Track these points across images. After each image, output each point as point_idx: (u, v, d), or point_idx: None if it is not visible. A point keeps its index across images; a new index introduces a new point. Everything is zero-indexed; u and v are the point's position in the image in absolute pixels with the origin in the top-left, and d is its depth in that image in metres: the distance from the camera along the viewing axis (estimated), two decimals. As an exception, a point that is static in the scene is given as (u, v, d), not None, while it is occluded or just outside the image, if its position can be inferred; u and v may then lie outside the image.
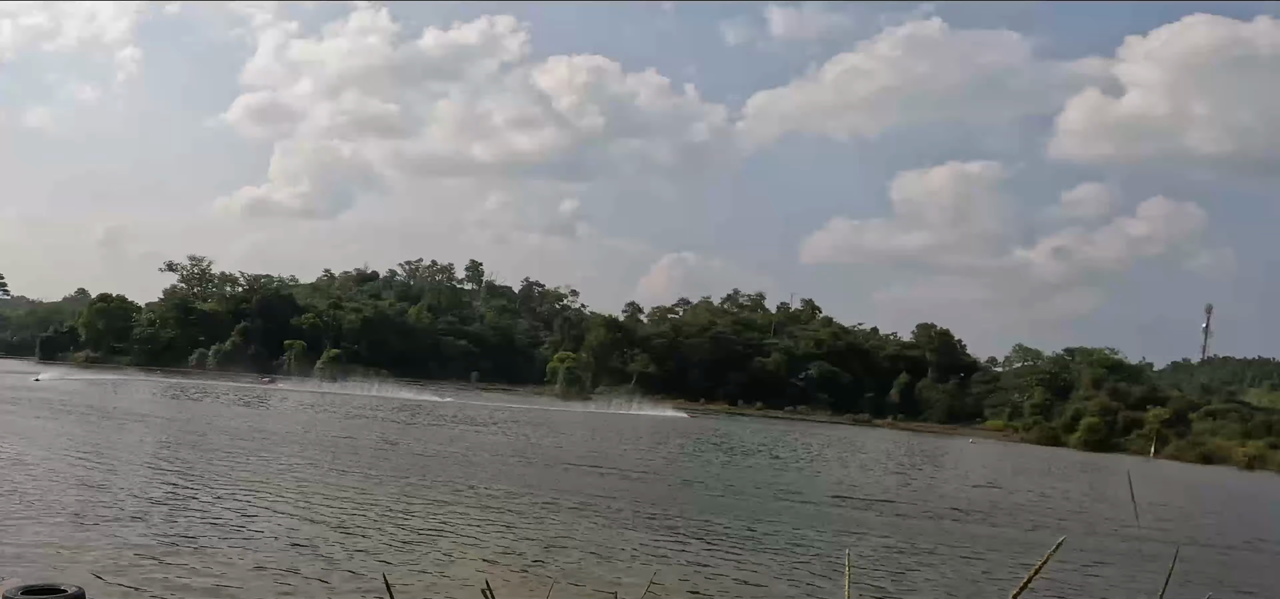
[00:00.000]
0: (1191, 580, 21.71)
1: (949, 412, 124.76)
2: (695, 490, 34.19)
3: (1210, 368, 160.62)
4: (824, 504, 32.80)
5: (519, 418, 69.80)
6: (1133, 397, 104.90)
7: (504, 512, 24.93)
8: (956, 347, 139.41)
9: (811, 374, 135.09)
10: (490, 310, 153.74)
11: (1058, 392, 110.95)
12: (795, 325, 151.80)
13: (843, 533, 26.38)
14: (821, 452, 62.33)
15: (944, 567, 22.44)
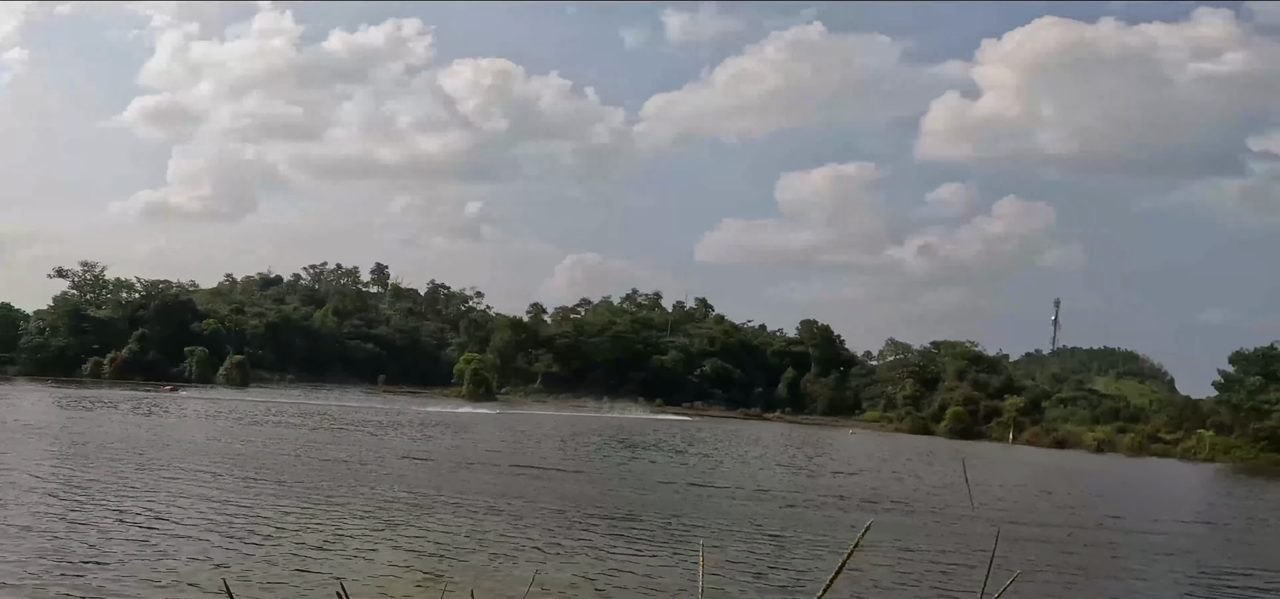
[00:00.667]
0: (1008, 561, 23.30)
1: (831, 404, 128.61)
2: (603, 487, 34.69)
3: (1060, 358, 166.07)
4: (719, 496, 34.32)
5: (426, 420, 69.32)
6: (992, 386, 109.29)
7: (407, 517, 24.92)
8: (837, 342, 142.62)
9: (706, 371, 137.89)
10: (396, 313, 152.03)
11: (926, 383, 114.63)
12: (690, 323, 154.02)
13: (738, 522, 27.59)
14: (718, 446, 63.52)
15: (823, 553, 23.65)
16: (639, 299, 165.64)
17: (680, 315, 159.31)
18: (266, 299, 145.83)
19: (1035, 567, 23.28)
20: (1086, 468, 68.24)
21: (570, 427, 73.71)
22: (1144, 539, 31.02)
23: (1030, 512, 36.22)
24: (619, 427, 78.93)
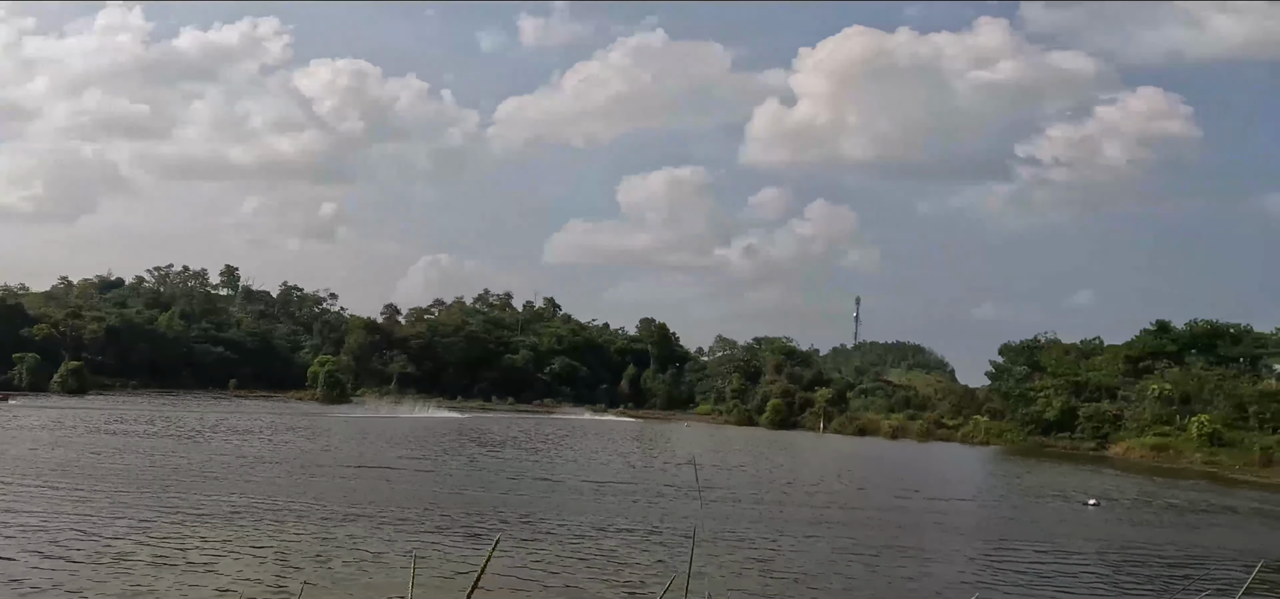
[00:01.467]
0: (821, 543, 24.98)
1: (669, 399, 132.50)
2: (455, 486, 34.47)
3: (861, 352, 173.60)
4: (567, 488, 35.28)
5: (279, 424, 66.33)
6: (805, 379, 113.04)
7: (254, 526, 23.68)
8: (673, 339, 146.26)
9: (555, 369, 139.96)
10: (247, 316, 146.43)
11: (750, 377, 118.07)
12: (539, 323, 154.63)
13: (584, 515, 28.07)
14: (566, 442, 64.13)
15: (653, 545, 24.23)
16: (491, 299, 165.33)
17: (530, 315, 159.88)
18: (106, 303, 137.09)
19: (845, 549, 24.88)
20: (884, 453, 72.05)
21: (424, 427, 72.81)
22: (934, 518, 33.30)
23: (838, 495, 38.19)
24: (472, 425, 78.66)
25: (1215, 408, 71.00)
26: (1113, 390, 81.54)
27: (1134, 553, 27.75)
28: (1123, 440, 74.62)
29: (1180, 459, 65.95)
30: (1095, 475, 53.90)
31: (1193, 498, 43.16)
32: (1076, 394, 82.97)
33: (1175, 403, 74.31)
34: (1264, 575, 22.15)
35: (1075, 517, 35.28)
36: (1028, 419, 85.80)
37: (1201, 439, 67.52)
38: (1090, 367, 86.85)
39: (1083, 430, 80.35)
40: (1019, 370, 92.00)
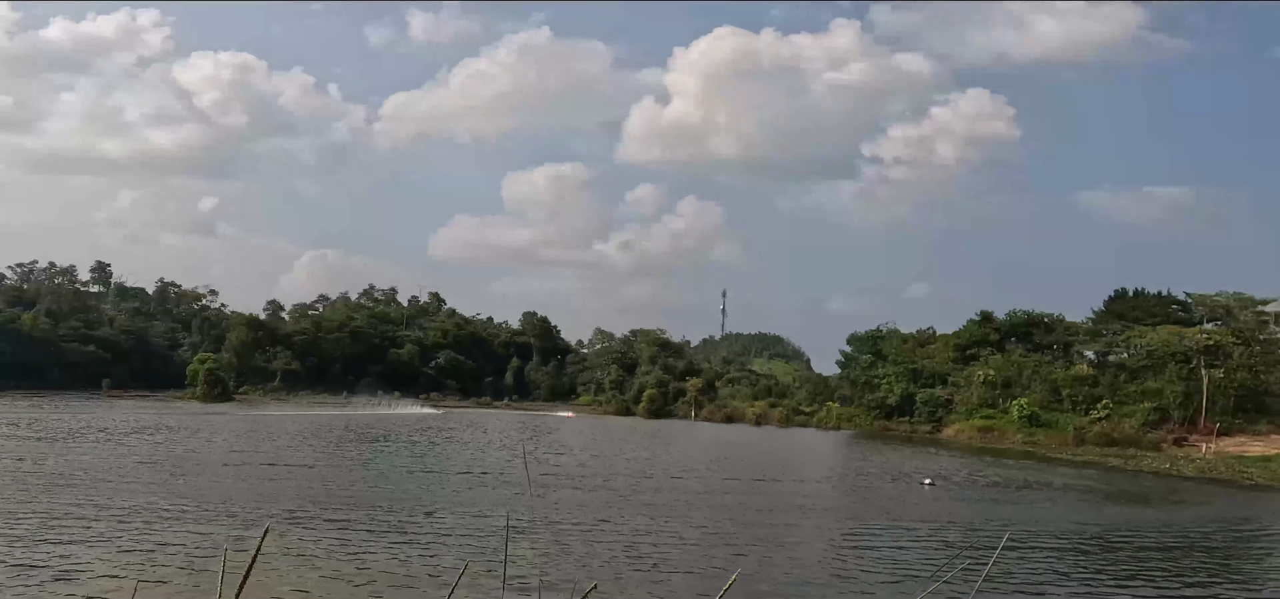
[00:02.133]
0: (687, 528, 24.19)
1: (552, 391, 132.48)
2: (342, 481, 33.20)
3: (728, 342, 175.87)
4: (455, 481, 34.34)
5: (156, 424, 61.29)
6: (678, 369, 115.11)
7: (121, 530, 21.59)
8: (555, 332, 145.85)
9: (440, 363, 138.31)
10: (121, 314, 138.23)
11: (627, 368, 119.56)
12: (425, 317, 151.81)
13: (465, 505, 27.10)
14: (452, 434, 62.89)
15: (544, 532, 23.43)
16: (376, 294, 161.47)
17: (415, 309, 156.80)
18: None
19: (711, 535, 24.89)
20: (749, 439, 73.72)
21: (310, 423, 70.26)
22: (793, 499, 33.87)
23: (705, 482, 38.46)
24: (359, 420, 76.65)
25: (1033, 391, 75.07)
26: (945, 376, 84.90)
27: (959, 526, 29.02)
28: (954, 422, 78.04)
29: (1004, 439, 69.59)
30: (931, 456, 56.65)
31: (1014, 475, 45.89)
32: (914, 380, 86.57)
33: (998, 387, 77.96)
34: (1011, 543, 24.19)
35: (913, 495, 36.94)
36: (873, 404, 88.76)
37: (1022, 420, 71.32)
38: (925, 355, 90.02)
39: (920, 414, 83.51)
40: (864, 359, 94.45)
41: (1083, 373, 77.74)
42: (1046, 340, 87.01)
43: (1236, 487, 42.35)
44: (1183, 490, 40.52)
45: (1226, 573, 21.37)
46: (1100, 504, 35.68)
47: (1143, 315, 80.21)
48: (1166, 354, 70.29)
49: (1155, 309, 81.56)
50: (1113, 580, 20.17)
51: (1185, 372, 68.41)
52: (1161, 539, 25.48)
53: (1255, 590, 18.76)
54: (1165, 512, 32.91)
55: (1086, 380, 75.73)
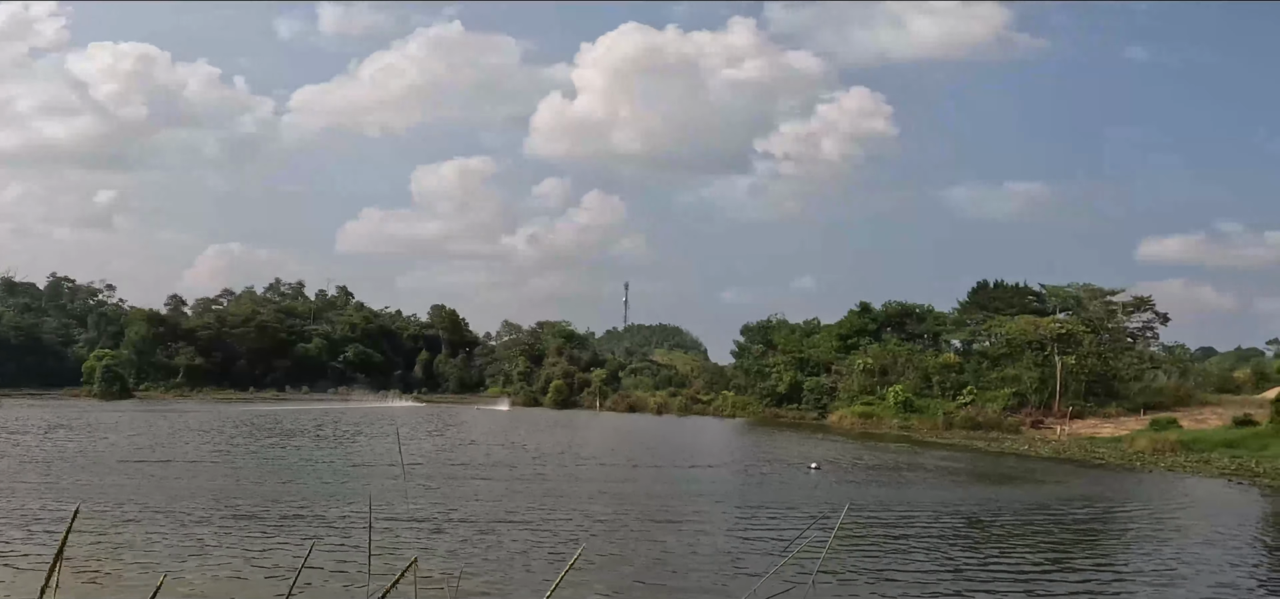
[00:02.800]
0: (592, 519, 22.91)
1: (461, 383, 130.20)
2: (248, 478, 31.11)
3: (630, 334, 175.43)
4: (365, 473, 32.54)
5: (49, 423, 55.78)
6: (583, 361, 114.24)
7: None
8: (463, 325, 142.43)
9: (349, 357, 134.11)
10: (10, 310, 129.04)
11: (534, 360, 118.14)
12: (333, 311, 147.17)
13: (363, 498, 25.12)
14: (362, 428, 60.38)
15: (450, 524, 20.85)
16: (283, 288, 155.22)
17: (323, 303, 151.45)
18: None
19: (608, 525, 23.86)
20: (650, 427, 73.75)
21: (215, 419, 66.63)
22: (692, 487, 33.36)
23: (607, 467, 37.75)
24: (266, 415, 72.96)
25: (907, 379, 77.54)
26: (829, 365, 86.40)
27: (839, 506, 30.16)
28: (838, 409, 79.08)
29: (882, 424, 71.04)
30: (817, 442, 57.42)
31: (891, 459, 46.89)
32: (801, 369, 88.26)
33: (876, 375, 79.65)
34: (889, 522, 25.01)
35: (801, 480, 36.94)
36: (765, 392, 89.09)
37: (897, 406, 73.14)
38: (811, 344, 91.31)
39: (807, 401, 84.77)
40: (756, 349, 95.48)
41: (950, 361, 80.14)
42: (918, 330, 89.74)
43: (1088, 466, 44.46)
44: (1040, 470, 42.43)
45: (1085, 547, 22.45)
46: (968, 484, 36.98)
47: (1003, 306, 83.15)
48: (1023, 342, 72.73)
49: (1014, 300, 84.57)
50: (980, 556, 20.85)
51: (1040, 359, 71.21)
52: (1024, 516, 26.58)
53: (1114, 564, 19.81)
54: (1026, 490, 34.39)
55: (953, 368, 78.19)
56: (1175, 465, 43.36)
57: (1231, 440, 47.44)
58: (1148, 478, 39.33)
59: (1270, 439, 45.59)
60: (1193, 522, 25.94)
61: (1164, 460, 45.04)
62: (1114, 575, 18.91)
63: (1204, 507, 29.45)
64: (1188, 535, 23.46)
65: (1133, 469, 42.88)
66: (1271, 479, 36.76)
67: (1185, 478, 39.11)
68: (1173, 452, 47.07)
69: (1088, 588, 17.76)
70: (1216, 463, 42.92)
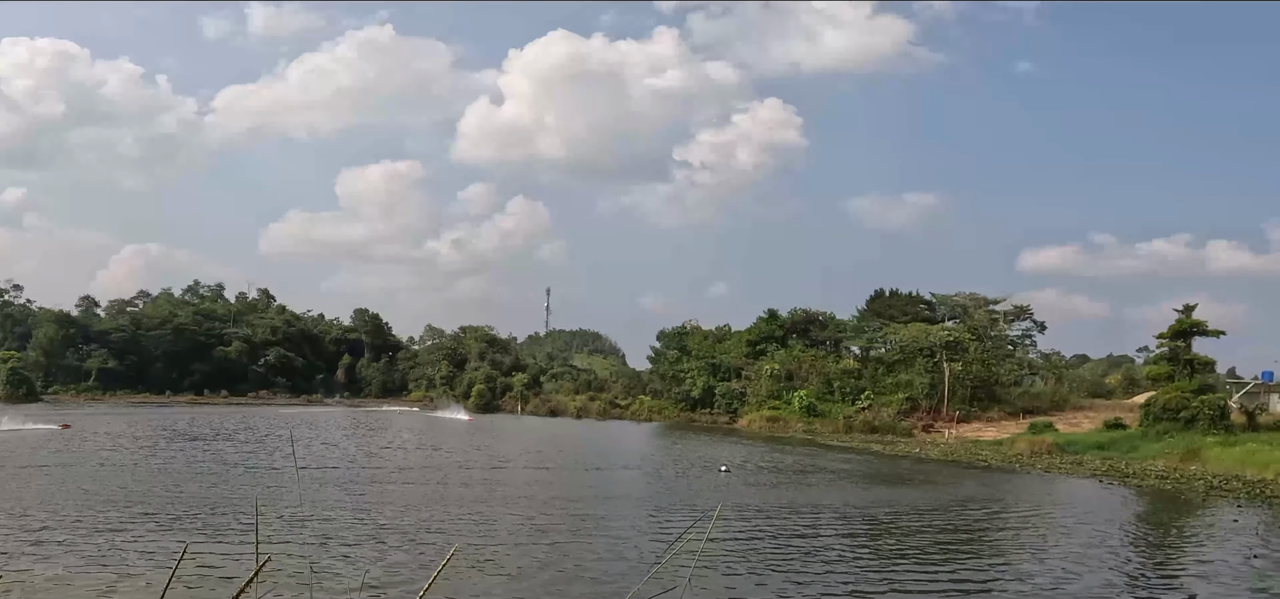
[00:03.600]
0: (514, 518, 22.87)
1: (383, 386, 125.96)
2: (158, 483, 28.80)
3: (552, 338, 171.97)
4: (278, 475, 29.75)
5: None
6: (505, 365, 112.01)
7: None
8: (386, 329, 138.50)
9: (270, 360, 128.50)
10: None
11: (457, 364, 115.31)
12: (253, 314, 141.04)
13: (297, 503, 21.57)
14: (282, 431, 57.38)
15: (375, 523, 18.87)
16: (202, 290, 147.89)
17: (243, 306, 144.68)
18: None
19: (505, 526, 22.46)
20: (571, 431, 72.11)
21: (127, 423, 62.53)
22: (604, 489, 32.41)
23: (522, 475, 35.55)
24: (183, 419, 68.58)
25: (811, 384, 78.87)
26: (739, 370, 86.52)
27: (747, 509, 29.75)
28: (747, 413, 79.26)
29: (788, 427, 71.16)
30: (728, 445, 57.14)
31: (796, 461, 46.75)
32: (714, 374, 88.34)
33: (783, 380, 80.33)
34: (798, 522, 24.32)
35: (712, 481, 36.45)
36: (679, 397, 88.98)
37: (802, 410, 73.67)
38: (722, 350, 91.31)
39: (719, 405, 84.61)
40: (671, 354, 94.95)
41: (849, 366, 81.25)
42: (821, 336, 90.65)
43: (974, 468, 45.28)
44: (931, 472, 43.02)
45: (976, 547, 22.39)
46: (866, 486, 37.09)
47: (897, 313, 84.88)
48: (915, 349, 73.97)
49: (907, 308, 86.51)
50: (870, 557, 20.50)
51: (930, 364, 72.53)
52: (918, 517, 26.59)
53: (1003, 565, 19.76)
54: (920, 491, 34.65)
55: (852, 373, 79.30)
56: (1051, 467, 44.57)
57: (1103, 443, 49.17)
58: (1028, 479, 40.21)
59: (1139, 442, 47.43)
60: (1071, 521, 26.39)
61: (1041, 462, 46.34)
62: (1002, 576, 18.80)
63: (1081, 507, 30.13)
64: (1072, 536, 23.74)
65: (1014, 471, 43.80)
66: (1140, 480, 38.04)
67: (1061, 479, 40.10)
68: (1049, 454, 48.54)
69: (980, 588, 17.60)
70: (1089, 464, 44.36)
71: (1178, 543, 24.24)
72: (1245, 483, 35.38)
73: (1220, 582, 18.14)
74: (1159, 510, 29.93)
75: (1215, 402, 48.11)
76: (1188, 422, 47.01)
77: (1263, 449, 38.94)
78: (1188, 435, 45.16)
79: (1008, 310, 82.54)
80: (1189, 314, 53.14)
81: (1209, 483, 35.76)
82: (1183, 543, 24.29)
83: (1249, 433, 44.78)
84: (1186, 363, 52.19)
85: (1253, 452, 39.03)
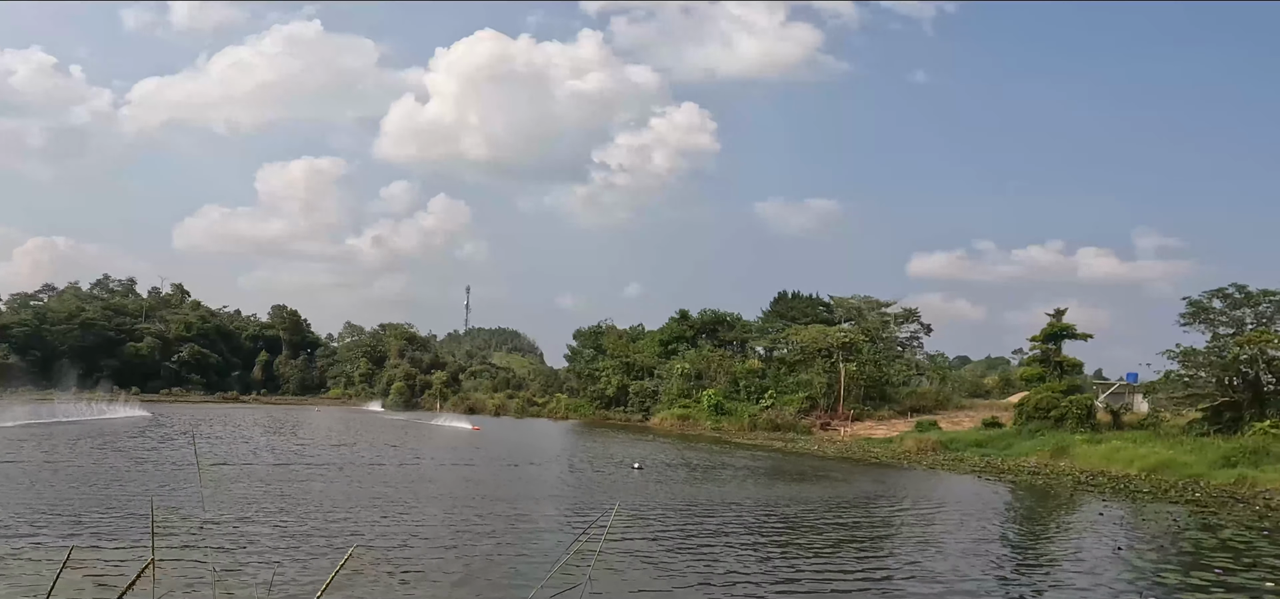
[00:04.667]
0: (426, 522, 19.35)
1: (302, 384, 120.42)
2: (64, 485, 24.95)
3: (471, 337, 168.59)
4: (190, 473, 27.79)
5: None
6: (424, 362, 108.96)
7: None
8: (304, 326, 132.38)
9: (184, 357, 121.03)
10: None
11: (376, 361, 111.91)
12: (166, 310, 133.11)
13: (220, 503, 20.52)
14: (198, 430, 53.43)
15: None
16: (112, 285, 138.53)
17: (156, 301, 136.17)
18: None
19: (449, 524, 21.13)
20: (488, 429, 69.69)
21: (26, 422, 56.34)
22: (526, 488, 30.85)
23: (437, 472, 32.79)
24: (92, 419, 63.50)
25: (718, 383, 79.11)
26: (652, 369, 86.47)
27: (655, 505, 29.24)
28: (660, 412, 78.81)
29: (697, 426, 70.95)
30: (641, 443, 56.42)
31: (705, 459, 46.29)
32: (628, 373, 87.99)
33: (692, 379, 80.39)
34: (708, 518, 23.58)
35: (624, 478, 35.40)
36: (595, 395, 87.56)
37: (711, 409, 73.44)
38: (636, 349, 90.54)
39: (633, 404, 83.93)
40: (587, 353, 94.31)
41: (754, 366, 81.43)
42: (729, 337, 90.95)
43: (867, 464, 45.89)
44: (829, 468, 43.27)
45: (868, 541, 22.24)
46: (770, 482, 36.91)
47: (798, 315, 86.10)
48: (814, 350, 74.62)
49: (807, 310, 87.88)
50: (783, 550, 20.12)
51: (827, 365, 73.39)
52: (821, 512, 26.44)
53: (892, 555, 19.61)
54: (820, 487, 34.58)
55: (757, 373, 79.58)
56: (935, 463, 45.56)
57: (981, 441, 50.64)
58: (915, 475, 40.85)
59: (1014, 440, 49.03)
60: (958, 515, 26.71)
61: (927, 459, 47.36)
62: (899, 570, 18.60)
63: (965, 502, 30.65)
64: (962, 529, 23.89)
65: (902, 467, 44.54)
66: (1015, 476, 39.18)
67: (945, 475, 40.83)
68: (934, 451, 49.72)
69: (879, 583, 17.31)
70: (969, 461, 45.59)
71: (1052, 536, 24.76)
72: (1110, 478, 36.75)
73: (1091, 573, 18.43)
74: (1033, 505, 30.71)
75: (1083, 402, 50.10)
76: (1058, 420, 48.84)
77: (1126, 447, 40.68)
78: (1058, 434, 46.86)
79: (898, 313, 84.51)
80: (1059, 318, 55.27)
81: (1077, 478, 37.02)
82: (1056, 535, 24.82)
83: (1114, 431, 46.61)
84: (1057, 365, 54.27)
85: (1117, 449, 40.73)
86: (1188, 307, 48.07)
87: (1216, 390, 44.35)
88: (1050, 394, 50.85)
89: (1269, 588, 16.41)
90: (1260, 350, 42.28)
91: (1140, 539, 23.24)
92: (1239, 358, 43.12)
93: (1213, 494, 32.19)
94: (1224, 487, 33.51)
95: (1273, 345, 42.52)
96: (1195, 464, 36.51)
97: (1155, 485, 34.53)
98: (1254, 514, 27.52)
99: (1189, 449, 38.68)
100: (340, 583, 14.36)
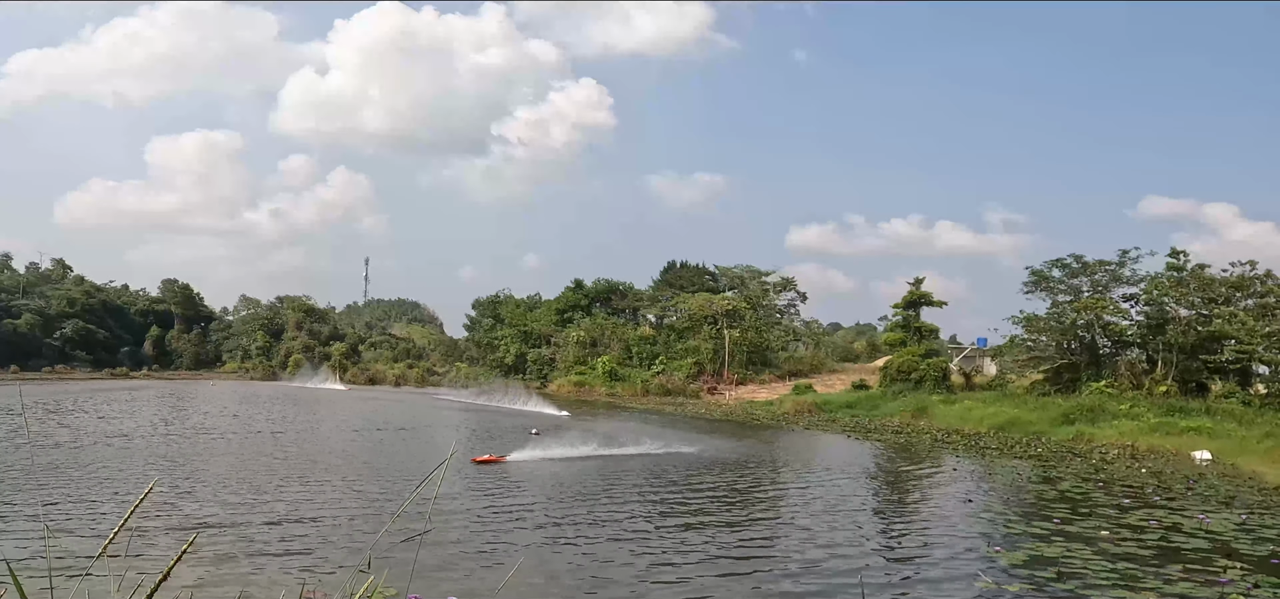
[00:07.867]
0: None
1: (196, 359, 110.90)
2: None
3: (370, 308, 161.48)
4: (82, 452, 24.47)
5: None
6: (324, 334, 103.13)
7: None
8: (198, 300, 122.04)
9: (68, 333, 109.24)
10: None
11: (274, 334, 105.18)
12: (47, 286, 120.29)
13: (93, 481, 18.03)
14: (85, 407, 47.10)
15: None
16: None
17: (35, 277, 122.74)
18: None
19: (278, 495, 19.29)
20: (390, 398, 66.88)
21: None
22: (417, 454, 28.85)
23: (322, 441, 32.51)
24: None
25: (612, 350, 78.64)
26: (549, 338, 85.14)
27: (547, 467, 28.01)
28: (557, 379, 77.63)
29: (593, 392, 69.78)
30: (538, 410, 54.70)
31: (600, 424, 44.70)
32: (526, 341, 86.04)
33: (588, 346, 79.44)
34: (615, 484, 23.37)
35: (523, 443, 33.09)
36: (494, 364, 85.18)
37: (605, 375, 73.39)
38: (534, 318, 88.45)
39: (531, 372, 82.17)
40: (486, 322, 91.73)
41: (646, 333, 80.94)
42: (622, 305, 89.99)
43: (751, 426, 46.04)
44: (716, 428, 43.04)
45: (760, 497, 21.66)
46: (663, 444, 35.87)
47: (687, 284, 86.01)
48: (701, 317, 74.70)
49: (695, 279, 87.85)
50: (672, 509, 19.21)
51: (713, 332, 74.19)
52: (710, 471, 25.74)
53: (780, 505, 19.02)
54: (709, 444, 34.08)
55: (649, 340, 79.60)
56: (811, 425, 46.15)
57: (851, 402, 51.81)
58: (794, 435, 41.05)
59: (880, 401, 50.34)
60: (833, 471, 26.63)
61: (804, 420, 47.97)
62: (783, 528, 17.99)
63: (839, 459, 30.79)
64: (832, 485, 23.66)
65: (783, 428, 44.84)
66: (880, 435, 39.94)
67: (820, 435, 41.23)
68: (810, 413, 50.51)
69: (764, 541, 16.56)
70: (841, 421, 46.42)
71: (911, 490, 24.97)
72: (963, 436, 37.89)
73: (946, 521, 18.49)
74: (896, 461, 31.14)
75: (939, 365, 51.95)
76: (917, 383, 50.46)
77: (977, 407, 42.27)
78: (917, 395, 48.38)
79: (777, 282, 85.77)
80: (918, 287, 57.14)
81: (934, 437, 38.02)
82: (916, 488, 25.08)
83: (966, 392, 48.55)
84: (916, 330, 56.10)
85: (969, 409, 42.28)
86: (1030, 276, 49.23)
87: (1056, 353, 46.56)
88: (911, 358, 52.46)
89: (1104, 536, 16.69)
90: (1096, 315, 44.62)
91: (989, 492, 23.63)
92: (1077, 323, 45.41)
93: (1053, 449, 33.36)
94: (1064, 442, 35.01)
95: (1107, 311, 44.82)
96: (1038, 422, 38.06)
97: (1002, 442, 35.65)
98: (1090, 467, 28.68)
99: (1032, 408, 40.31)
100: (191, 566, 12.13)
